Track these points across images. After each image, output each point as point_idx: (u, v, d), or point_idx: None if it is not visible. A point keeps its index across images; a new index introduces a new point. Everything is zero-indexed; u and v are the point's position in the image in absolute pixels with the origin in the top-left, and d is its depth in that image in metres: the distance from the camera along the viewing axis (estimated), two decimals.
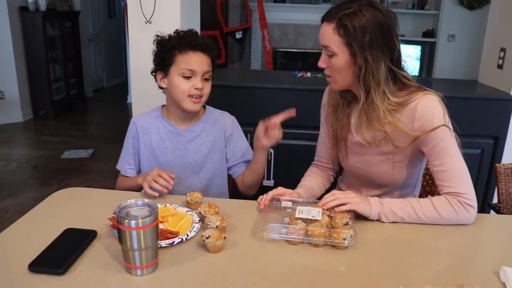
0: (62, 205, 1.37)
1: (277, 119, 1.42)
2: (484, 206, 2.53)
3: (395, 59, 1.28)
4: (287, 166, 2.57)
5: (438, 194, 1.30)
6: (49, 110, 5.69)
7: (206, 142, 1.62)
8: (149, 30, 2.33)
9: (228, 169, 1.69)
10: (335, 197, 1.24)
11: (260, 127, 1.47)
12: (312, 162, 1.63)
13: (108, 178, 3.75)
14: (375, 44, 1.23)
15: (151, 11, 2.31)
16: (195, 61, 1.49)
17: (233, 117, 1.71)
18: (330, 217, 1.21)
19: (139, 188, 1.51)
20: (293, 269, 1.04)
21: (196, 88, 1.49)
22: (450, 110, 1.31)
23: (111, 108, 6.49)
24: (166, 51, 1.50)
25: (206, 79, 1.53)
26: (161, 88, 1.60)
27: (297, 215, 1.19)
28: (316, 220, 1.17)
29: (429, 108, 1.27)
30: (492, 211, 1.83)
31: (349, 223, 1.17)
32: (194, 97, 1.50)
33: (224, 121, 1.66)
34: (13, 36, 5.19)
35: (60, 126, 5.46)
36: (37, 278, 0.98)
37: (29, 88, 5.57)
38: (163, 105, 1.66)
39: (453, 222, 1.26)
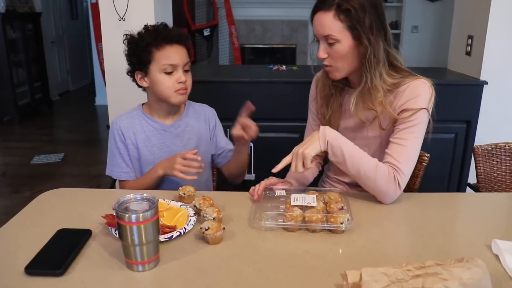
0: (50, 206, 1.33)
1: (246, 118, 1.46)
2: (460, 187, 2.62)
3: (388, 40, 1.33)
4: (268, 160, 2.56)
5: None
6: (14, 115, 5.49)
7: (193, 136, 1.62)
8: (123, 27, 2.27)
9: (214, 159, 1.71)
10: (289, 159, 1.29)
11: (238, 126, 1.48)
12: None
13: (82, 182, 3.66)
14: (374, 24, 1.27)
15: (125, 8, 2.27)
16: (175, 55, 1.47)
17: (212, 108, 1.72)
18: (325, 203, 1.23)
19: (159, 183, 1.52)
20: (295, 255, 1.05)
21: (181, 82, 1.48)
22: None
23: (79, 111, 6.33)
24: (142, 49, 1.46)
25: (186, 71, 1.52)
26: (140, 86, 1.58)
27: (292, 203, 1.20)
28: (312, 207, 1.19)
29: (418, 89, 1.32)
30: (471, 192, 1.90)
31: (344, 207, 1.19)
32: (180, 89, 1.50)
33: (206, 113, 1.67)
34: None
35: (27, 131, 5.29)
36: (36, 281, 0.95)
37: None
38: (143, 103, 1.63)
39: (379, 192, 1.31)
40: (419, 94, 1.32)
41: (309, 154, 1.27)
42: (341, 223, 1.12)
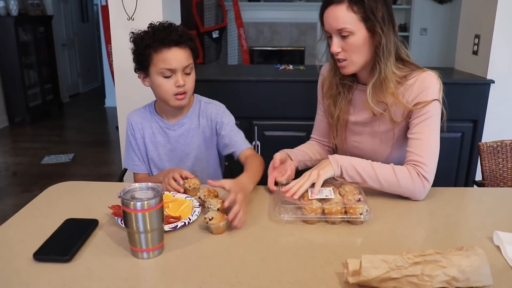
0: (58, 198, 1.36)
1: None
2: (467, 185, 2.61)
3: (396, 33, 1.34)
4: None
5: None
6: (25, 117, 5.57)
7: (196, 134, 1.61)
8: (132, 27, 2.31)
9: (225, 152, 1.65)
10: (299, 186, 1.24)
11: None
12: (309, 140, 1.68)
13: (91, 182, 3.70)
14: (386, 16, 1.29)
15: (133, 8, 2.30)
16: (172, 59, 1.43)
17: (220, 105, 1.66)
18: (341, 195, 1.24)
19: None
20: (297, 245, 1.07)
21: (178, 86, 1.46)
22: None
23: (89, 113, 6.40)
24: (142, 52, 1.45)
25: (187, 73, 1.49)
26: None
27: (310, 197, 1.21)
28: (330, 199, 1.20)
29: (427, 81, 1.33)
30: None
31: (361, 199, 1.20)
32: (179, 94, 1.48)
33: (210, 111, 1.62)
34: None
35: (38, 132, 5.36)
36: (43, 266, 0.97)
37: (3, 95, 5.45)
38: (155, 100, 1.64)
39: (408, 193, 1.31)
40: (429, 86, 1.33)
41: (323, 175, 1.27)
42: (360, 214, 1.14)
